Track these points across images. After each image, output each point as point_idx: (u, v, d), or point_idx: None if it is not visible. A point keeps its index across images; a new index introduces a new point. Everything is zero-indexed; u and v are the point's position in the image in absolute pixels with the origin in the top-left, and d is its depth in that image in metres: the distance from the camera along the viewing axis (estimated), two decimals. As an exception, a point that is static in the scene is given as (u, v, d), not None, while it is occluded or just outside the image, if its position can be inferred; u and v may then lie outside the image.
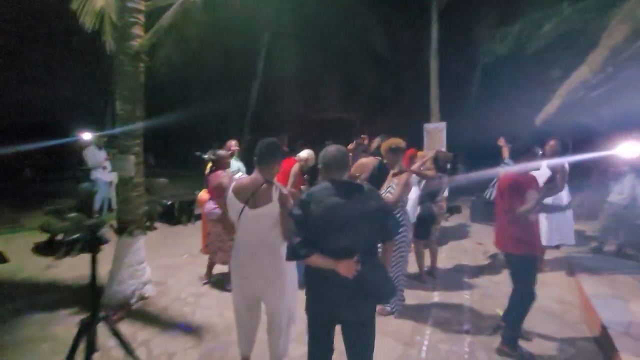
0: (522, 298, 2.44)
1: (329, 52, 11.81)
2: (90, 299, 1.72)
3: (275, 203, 1.76)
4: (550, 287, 3.55)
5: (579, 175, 7.17)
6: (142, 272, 3.12)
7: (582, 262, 4.01)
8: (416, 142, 8.42)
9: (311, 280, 1.59)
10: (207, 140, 9.72)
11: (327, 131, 13.56)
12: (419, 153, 4.89)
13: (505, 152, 4.67)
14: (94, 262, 1.64)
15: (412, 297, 3.37)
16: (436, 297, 3.39)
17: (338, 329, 1.65)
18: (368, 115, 15.28)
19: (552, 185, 2.43)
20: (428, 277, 3.81)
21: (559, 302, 3.25)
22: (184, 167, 11.21)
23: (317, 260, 1.46)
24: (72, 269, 3.81)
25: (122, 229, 2.97)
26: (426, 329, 2.77)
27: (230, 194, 1.84)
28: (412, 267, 4.04)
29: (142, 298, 3.11)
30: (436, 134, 8.65)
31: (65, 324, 2.70)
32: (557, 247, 4.68)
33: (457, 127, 12.89)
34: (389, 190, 2.80)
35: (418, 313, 3.03)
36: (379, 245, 1.70)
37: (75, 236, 4.04)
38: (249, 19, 9.48)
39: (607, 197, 4.66)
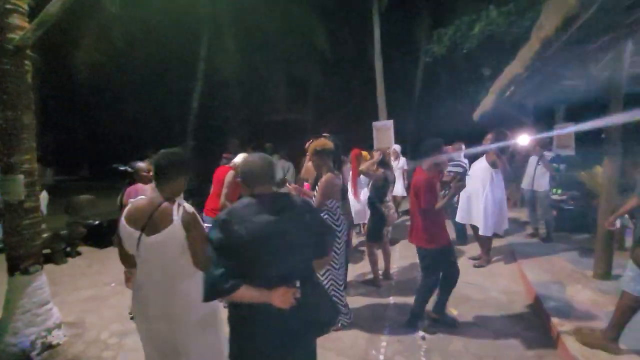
0: (431, 287, 2.70)
1: (273, 54, 11.49)
2: None
3: (178, 225, 1.43)
4: (496, 278, 3.64)
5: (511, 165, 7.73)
6: (47, 316, 2.55)
7: (523, 250, 4.21)
8: (367, 140, 8.54)
9: (236, 324, 1.29)
10: (149, 148, 8.87)
11: (278, 133, 13.31)
12: (364, 153, 4.83)
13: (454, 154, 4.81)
14: None
15: (367, 304, 3.22)
16: (391, 301, 3.27)
17: None
18: (318, 116, 15.26)
19: (462, 182, 2.68)
20: (383, 281, 3.71)
21: (506, 292, 3.32)
22: (124, 179, 10.11)
23: (246, 293, 1.18)
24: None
25: (14, 267, 2.39)
26: (382, 341, 2.61)
27: (122, 220, 1.47)
28: (365, 268, 3.93)
29: (49, 347, 2.55)
30: (385, 131, 8.77)
31: None
32: (500, 236, 4.92)
33: (403, 124, 13.42)
34: (313, 195, 2.65)
35: (373, 322, 2.88)
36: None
37: None
38: (183, 18, 8.80)
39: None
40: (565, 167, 4.83)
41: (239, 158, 3.18)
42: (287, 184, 2.75)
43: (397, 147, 6.60)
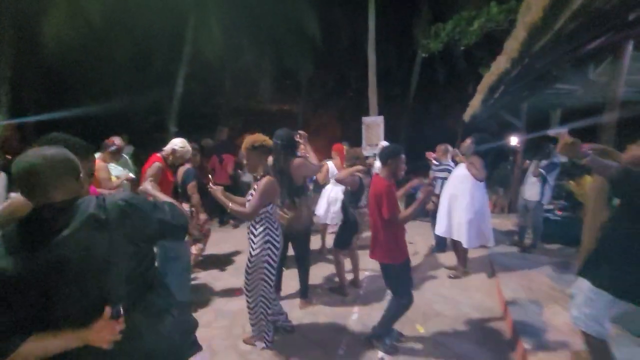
0: (406, 306, 2.41)
1: (266, 43, 11.05)
2: None
3: None
4: (471, 292, 3.40)
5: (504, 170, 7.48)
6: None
7: (503, 261, 3.97)
8: (359, 135, 8.27)
9: None
10: (137, 136, 8.48)
11: (269, 125, 12.92)
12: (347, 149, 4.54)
13: (442, 157, 4.56)
14: None
15: (329, 315, 2.96)
16: (355, 313, 3.02)
17: None
18: (310, 108, 14.96)
19: (430, 188, 2.46)
20: (351, 289, 3.46)
21: (479, 309, 3.07)
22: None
23: (46, 345, 0.86)
24: None
25: None
26: (334, 362, 2.36)
27: None
28: (328, 270, 3.68)
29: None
30: (374, 127, 8.50)
31: None
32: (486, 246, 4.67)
33: (397, 121, 13.12)
34: (249, 198, 2.31)
35: (330, 338, 2.62)
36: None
37: None
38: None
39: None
40: (555, 176, 4.54)
41: (176, 142, 2.81)
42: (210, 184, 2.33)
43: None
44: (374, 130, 8.53)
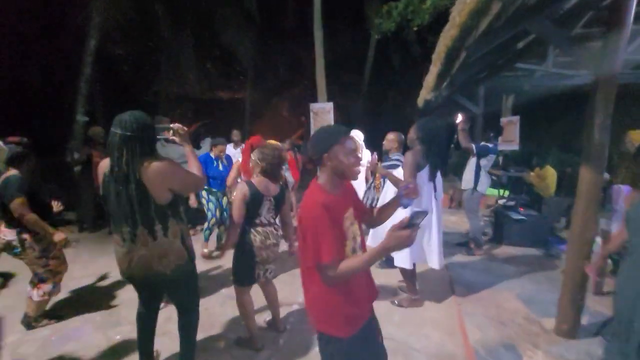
0: None
1: (198, 17, 9.56)
2: None
3: None
4: (427, 328, 2.55)
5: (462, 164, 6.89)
6: None
7: (463, 277, 3.23)
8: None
9: None
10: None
11: (221, 113, 11.81)
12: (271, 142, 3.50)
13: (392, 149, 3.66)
14: None
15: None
16: (263, 385, 2.04)
17: None
18: (264, 96, 13.74)
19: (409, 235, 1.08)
20: (269, 334, 2.48)
21: (438, 357, 2.24)
22: None
23: None
24: None
25: None
26: None
27: None
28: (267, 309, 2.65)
29: None
30: (323, 115, 7.51)
31: None
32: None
33: (351, 109, 12.31)
34: None
35: None
36: None
37: None
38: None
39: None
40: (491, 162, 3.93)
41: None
42: None
43: (359, 135, 4.35)
44: (323, 118, 7.55)
